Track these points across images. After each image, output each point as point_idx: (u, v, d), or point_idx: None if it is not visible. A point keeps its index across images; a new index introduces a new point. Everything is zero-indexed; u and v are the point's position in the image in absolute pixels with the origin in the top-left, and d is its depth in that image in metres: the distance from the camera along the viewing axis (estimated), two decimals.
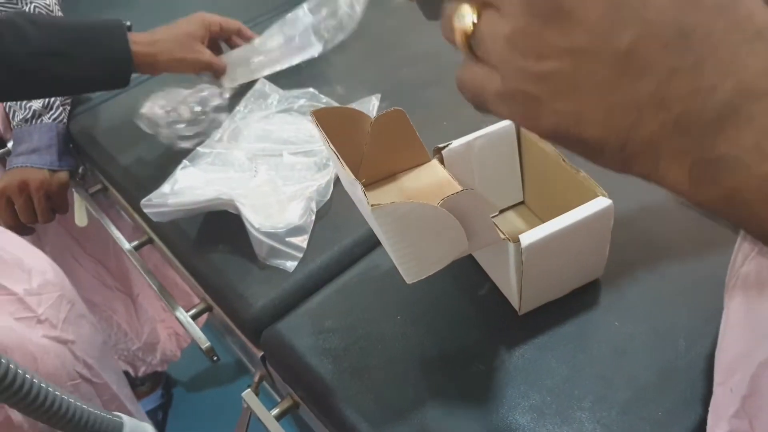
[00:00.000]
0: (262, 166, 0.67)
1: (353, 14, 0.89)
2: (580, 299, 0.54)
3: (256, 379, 0.64)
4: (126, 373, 1.37)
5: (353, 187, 0.45)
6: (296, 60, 0.87)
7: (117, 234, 0.79)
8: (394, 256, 0.43)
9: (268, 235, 0.60)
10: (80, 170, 0.94)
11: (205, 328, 1.53)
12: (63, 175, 0.89)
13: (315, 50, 0.87)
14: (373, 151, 0.52)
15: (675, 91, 0.22)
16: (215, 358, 0.64)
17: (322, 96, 0.79)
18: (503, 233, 0.47)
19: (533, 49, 0.23)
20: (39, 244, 1.07)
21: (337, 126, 0.49)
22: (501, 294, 0.56)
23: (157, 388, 1.46)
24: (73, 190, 0.96)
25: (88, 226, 1.08)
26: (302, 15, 0.87)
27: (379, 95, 0.79)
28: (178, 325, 1.38)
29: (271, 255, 0.61)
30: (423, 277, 0.44)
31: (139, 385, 1.43)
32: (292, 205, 0.63)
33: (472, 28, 0.25)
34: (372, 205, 0.39)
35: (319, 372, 0.53)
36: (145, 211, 0.63)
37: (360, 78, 0.87)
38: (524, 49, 0.23)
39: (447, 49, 0.89)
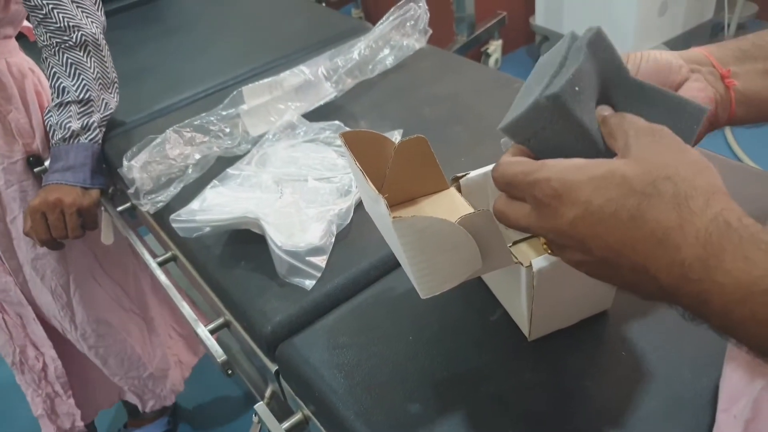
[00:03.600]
0: (287, 188, 0.70)
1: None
2: (589, 329, 0.55)
3: (268, 394, 0.65)
4: (134, 407, 1.37)
5: (375, 204, 0.47)
6: (313, 106, 0.90)
7: (143, 250, 0.81)
8: (410, 270, 0.45)
9: (290, 253, 0.63)
10: (110, 190, 0.98)
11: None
12: (95, 193, 0.93)
13: (329, 95, 0.91)
14: (394, 174, 0.55)
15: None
16: (230, 372, 0.66)
17: (347, 128, 0.82)
18: (516, 258, 0.49)
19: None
20: (63, 262, 1.11)
21: (363, 148, 0.52)
22: (512, 320, 0.57)
23: (163, 415, 1.45)
24: (102, 208, 1.00)
25: (111, 247, 1.12)
26: (318, 62, 0.91)
27: (401, 130, 0.83)
28: (183, 351, 1.39)
29: (291, 273, 0.63)
30: (437, 293, 0.46)
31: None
32: (314, 227, 0.66)
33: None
34: (393, 218, 0.42)
35: (332, 385, 0.54)
36: (174, 225, 0.66)
37: (383, 114, 0.91)
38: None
39: (466, 92, 0.94)
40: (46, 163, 1.02)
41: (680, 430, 0.47)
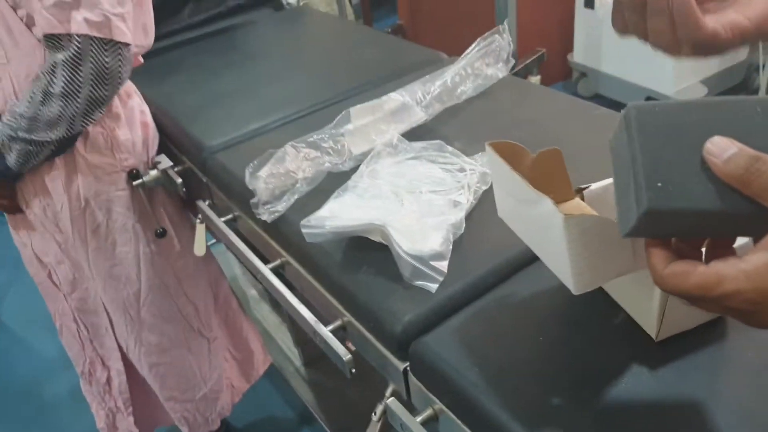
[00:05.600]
0: (405, 199, 0.74)
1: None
2: (714, 329, 0.58)
3: (388, 393, 0.69)
4: None
5: (532, 206, 0.52)
6: (407, 128, 0.95)
7: (254, 258, 0.86)
8: (570, 266, 0.49)
9: (415, 257, 0.67)
10: (207, 203, 1.03)
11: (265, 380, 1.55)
12: None
13: (421, 119, 0.97)
14: (532, 182, 0.59)
15: None
16: (353, 371, 0.69)
17: (447, 146, 0.87)
18: None
19: None
20: (136, 272, 1.15)
21: (504, 157, 0.56)
22: (634, 323, 0.61)
23: None
24: (197, 220, 1.05)
25: (191, 263, 1.17)
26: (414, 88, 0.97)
27: None
28: (236, 376, 1.42)
29: (415, 276, 0.67)
30: (590, 289, 0.50)
31: None
32: (434, 234, 0.70)
33: None
34: (565, 215, 0.46)
35: (471, 379, 0.57)
36: (303, 231, 0.71)
37: (474, 136, 0.95)
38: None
39: (549, 118, 1.00)
40: (144, 178, 1.08)
41: None
